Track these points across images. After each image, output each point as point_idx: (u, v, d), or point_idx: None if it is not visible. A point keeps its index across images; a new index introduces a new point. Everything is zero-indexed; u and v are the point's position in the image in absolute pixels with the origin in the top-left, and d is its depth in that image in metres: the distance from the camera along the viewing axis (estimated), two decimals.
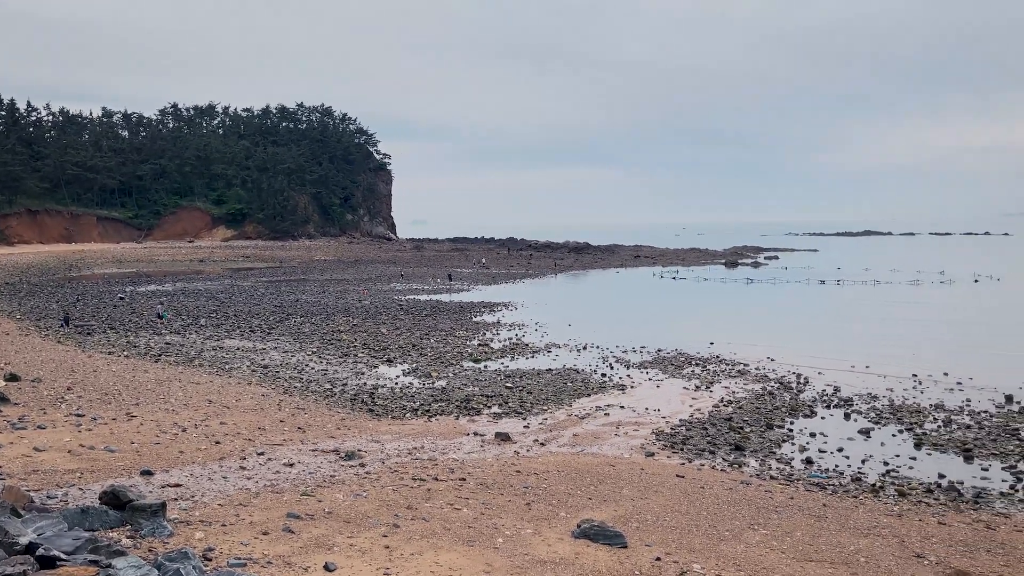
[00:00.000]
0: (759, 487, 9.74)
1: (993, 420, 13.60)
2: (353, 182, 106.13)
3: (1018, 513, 9.13)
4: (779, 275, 52.11)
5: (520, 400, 14.98)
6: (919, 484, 10.27)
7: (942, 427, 13.22)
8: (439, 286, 43.21)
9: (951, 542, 7.85)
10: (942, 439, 12.44)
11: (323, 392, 15.48)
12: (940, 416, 13.96)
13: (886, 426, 13.36)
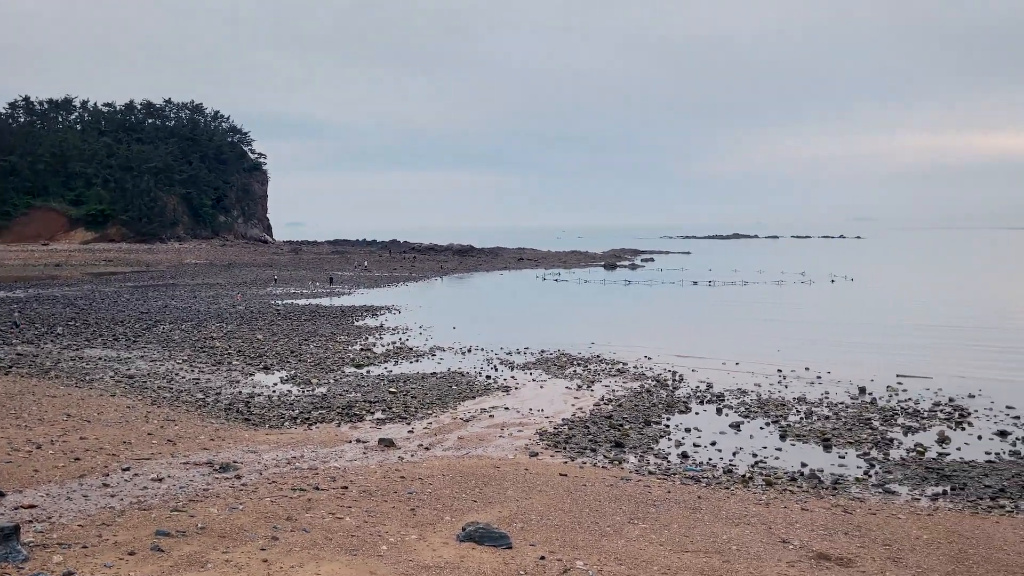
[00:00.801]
0: (638, 482, 10.03)
1: (848, 411, 14.58)
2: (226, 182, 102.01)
3: (871, 497, 9.81)
4: (655, 276, 54.03)
5: (404, 405, 14.82)
6: (784, 473, 10.86)
7: (804, 419, 14.03)
8: (319, 290, 42.18)
9: (813, 527, 8.35)
10: (804, 430, 13.21)
11: (195, 402, 14.77)
12: (802, 408, 14.82)
13: (755, 419, 14.07)
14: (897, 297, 39.22)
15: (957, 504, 9.56)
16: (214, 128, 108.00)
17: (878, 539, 7.99)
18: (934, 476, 10.68)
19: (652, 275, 55.73)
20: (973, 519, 8.89)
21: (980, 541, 8.02)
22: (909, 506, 9.42)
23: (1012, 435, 12.86)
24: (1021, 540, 8.08)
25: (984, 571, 7.19)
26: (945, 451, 12.03)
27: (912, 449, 12.09)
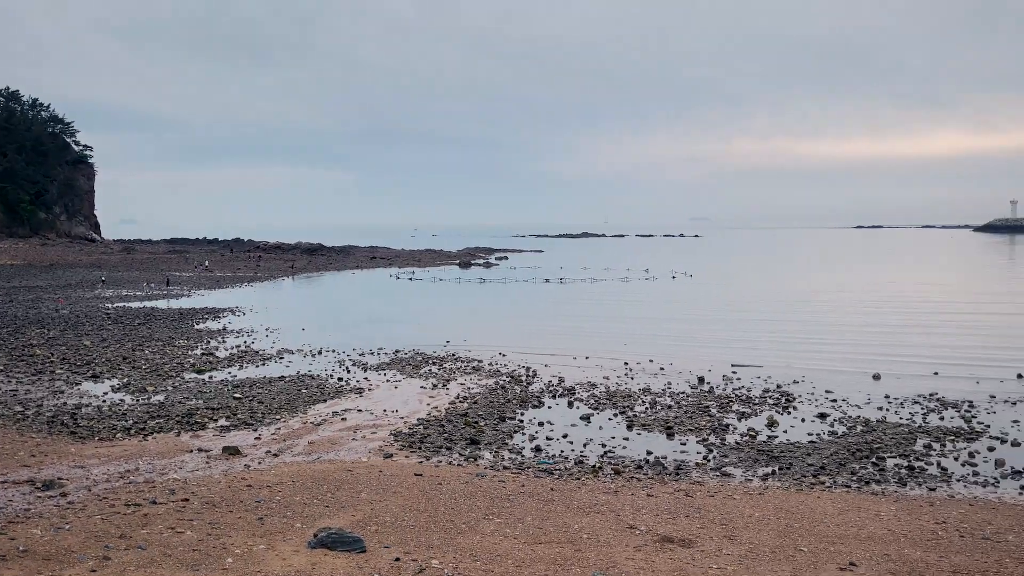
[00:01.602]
0: (493, 478, 10.13)
1: (689, 400, 15.40)
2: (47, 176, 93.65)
3: (710, 480, 10.41)
4: (509, 274, 54.86)
5: (250, 410, 14.20)
6: (631, 462, 11.31)
7: (649, 409, 14.68)
8: (155, 292, 39.66)
9: (658, 511, 8.76)
10: (649, 420, 13.82)
11: (13, 416, 13.47)
12: (647, 399, 15.50)
13: (604, 411, 14.57)
14: (731, 291, 41.89)
15: (784, 482, 10.31)
16: (32, 117, 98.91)
17: (716, 519, 8.50)
18: (764, 458, 11.47)
19: (506, 273, 56.56)
20: (798, 495, 9.63)
21: (804, 515, 8.70)
22: (743, 487, 10.07)
23: (830, 416, 14.04)
24: (839, 512, 8.85)
25: (808, 542, 7.80)
26: (774, 434, 12.95)
27: (745, 433, 12.94)
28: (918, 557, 7.43)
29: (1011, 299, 36.47)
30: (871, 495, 9.72)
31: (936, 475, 10.66)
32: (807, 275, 55.94)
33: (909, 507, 9.10)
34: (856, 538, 7.95)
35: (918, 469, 10.90)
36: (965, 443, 12.23)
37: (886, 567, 7.16)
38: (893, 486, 10.19)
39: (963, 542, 7.86)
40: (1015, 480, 10.46)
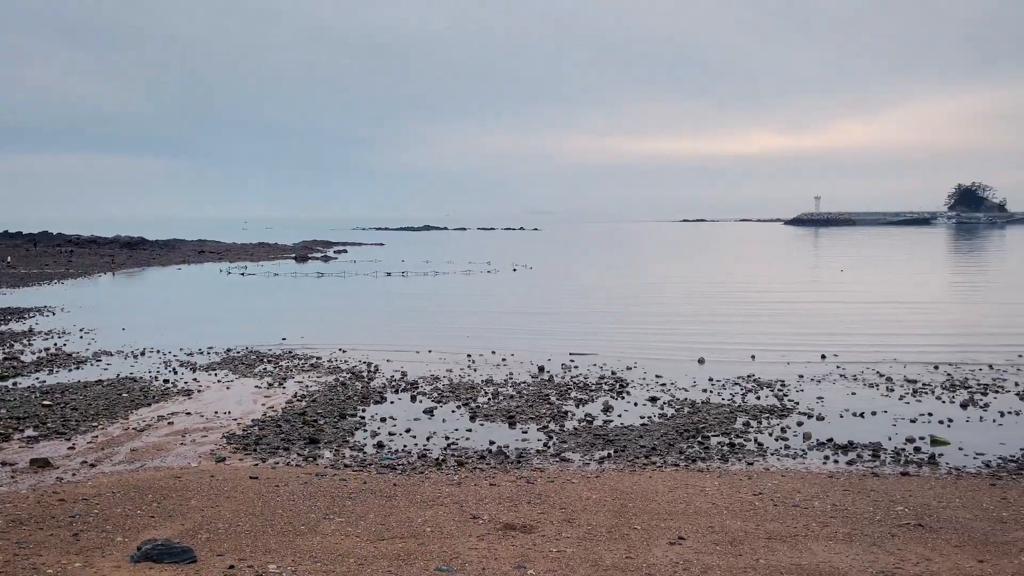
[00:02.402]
0: (334, 477, 9.89)
1: (530, 389, 15.75)
2: None
3: (550, 466, 10.69)
4: (349, 268, 53.73)
5: (62, 418, 13.03)
6: (474, 452, 11.41)
7: (492, 399, 14.88)
8: None
9: (500, 500, 8.89)
10: (492, 410, 14.00)
11: None
12: (490, 390, 15.70)
13: (447, 404, 14.59)
14: (569, 283, 43.26)
15: (619, 465, 10.77)
16: None
17: (556, 504, 8.74)
18: (601, 442, 11.94)
19: (345, 267, 55.36)
20: (632, 476, 10.10)
21: (638, 495, 9.14)
22: (581, 471, 10.42)
23: (660, 400, 14.84)
24: (668, 490, 9.36)
25: (641, 520, 8.20)
26: (609, 419, 13.50)
27: (583, 419, 13.40)
28: (738, 527, 8.00)
29: (815, 287, 40.10)
30: (697, 472, 10.35)
31: (754, 450, 11.52)
32: (639, 267, 58.79)
33: (731, 481, 9.78)
34: (684, 513, 8.45)
35: (738, 445, 11.73)
36: (778, 419, 13.31)
37: (710, 538, 7.66)
38: (717, 462, 10.91)
39: (776, 510, 8.55)
40: (820, 451, 11.51)
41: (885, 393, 15.34)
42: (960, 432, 12.48)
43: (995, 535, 7.76)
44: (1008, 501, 8.90)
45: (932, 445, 11.75)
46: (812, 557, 7.17)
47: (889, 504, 8.77)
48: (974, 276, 48.59)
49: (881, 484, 9.67)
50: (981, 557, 7.16)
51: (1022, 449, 11.43)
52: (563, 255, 76.57)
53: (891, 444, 11.80)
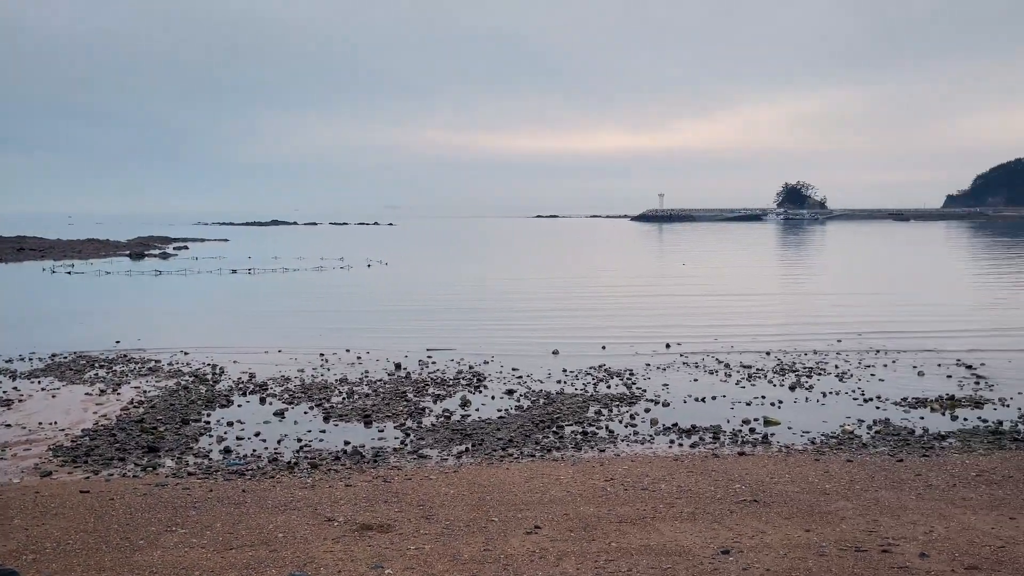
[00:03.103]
0: (176, 486, 9.33)
1: (386, 386, 15.54)
2: None
3: (408, 464, 10.59)
4: (190, 265, 50.92)
5: None
6: (329, 454, 11.12)
7: (347, 398, 14.55)
8: None
9: (356, 500, 8.71)
10: (347, 409, 13.70)
11: None
12: (344, 389, 15.35)
13: (299, 405, 14.13)
14: (426, 278, 43.08)
15: (477, 458, 10.84)
16: None
17: (414, 501, 8.67)
18: (459, 436, 11.96)
19: (187, 264, 52.43)
20: (490, 469, 10.18)
21: (495, 487, 9.22)
22: (439, 467, 10.40)
23: (517, 392, 15.06)
24: (525, 480, 9.51)
25: (499, 512, 8.28)
26: (467, 413, 13.55)
27: (441, 415, 13.38)
28: (591, 512, 8.25)
29: (660, 280, 42.09)
30: (553, 461, 10.59)
31: (605, 437, 11.93)
32: (495, 262, 59.46)
33: (584, 468, 10.07)
34: (540, 503, 8.62)
35: (591, 433, 12.11)
36: (627, 407, 13.85)
37: (565, 525, 7.86)
38: (571, 451, 11.20)
39: (627, 494, 8.89)
40: (666, 436, 12.08)
41: (724, 379, 16.32)
42: (789, 412, 13.49)
43: (819, 506, 8.44)
44: (830, 474, 9.71)
45: (765, 425, 12.63)
46: (660, 537, 7.51)
47: (728, 483, 9.33)
48: (799, 268, 52.76)
49: (721, 464, 10.28)
50: (808, 527, 7.76)
51: (841, 426, 12.51)
52: (419, 251, 76.20)
53: (729, 426, 12.57)
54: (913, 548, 7.12)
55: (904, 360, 18.04)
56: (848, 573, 6.59)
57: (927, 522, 7.85)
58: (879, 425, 12.52)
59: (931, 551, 7.03)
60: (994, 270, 48.54)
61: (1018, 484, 9.14)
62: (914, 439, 11.66)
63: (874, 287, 36.79)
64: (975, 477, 9.48)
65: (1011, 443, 11.34)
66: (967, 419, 12.92)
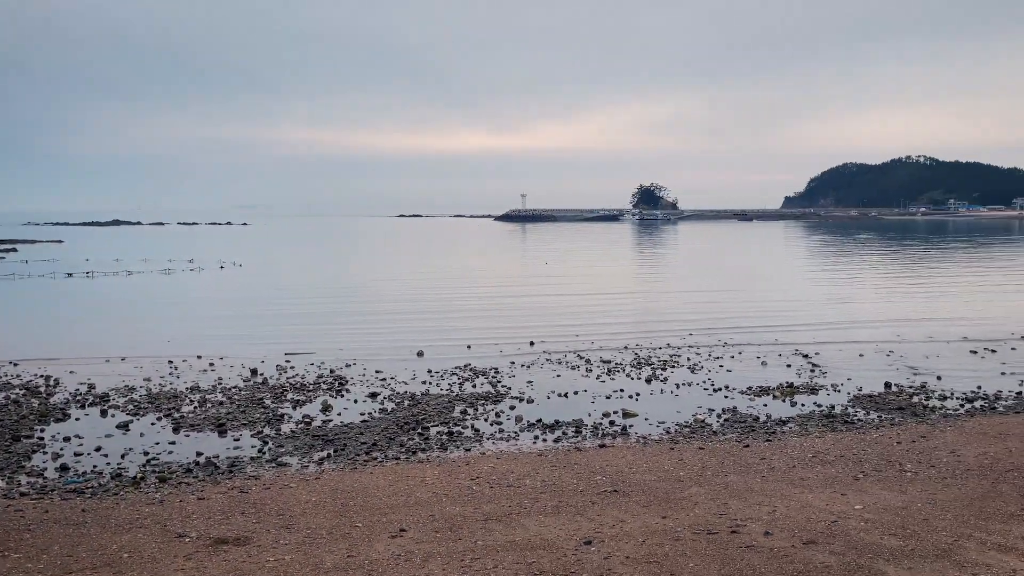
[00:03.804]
0: (8, 508, 8.53)
1: (242, 393, 14.89)
2: None
3: (266, 473, 10.19)
4: (19, 269, 46.78)
5: None
6: (179, 466, 10.52)
7: (198, 407, 13.83)
8: None
9: (210, 514, 8.28)
10: (199, 419, 13.01)
11: None
12: (196, 397, 14.58)
13: (145, 416, 13.29)
14: (283, 280, 41.68)
15: (340, 464, 10.57)
16: None
17: (272, 511, 8.34)
18: (320, 442, 11.63)
19: (15, 268, 48.13)
20: (353, 474, 9.96)
21: (359, 492, 9.03)
22: (299, 474, 10.06)
23: (381, 395, 14.83)
24: (390, 484, 9.37)
25: (362, 518, 8.11)
26: (329, 418, 13.20)
27: (301, 421, 12.96)
28: (457, 512, 8.23)
29: (523, 279, 42.75)
30: (418, 463, 10.49)
31: (471, 436, 11.96)
32: (357, 263, 58.39)
33: (450, 469, 10.04)
34: (406, 505, 8.51)
35: (456, 433, 12.10)
36: (493, 405, 13.95)
37: (431, 527, 7.80)
38: (436, 452, 11.15)
39: (492, 492, 8.94)
40: (530, 432, 12.26)
41: (585, 374, 16.78)
42: (646, 404, 14.04)
43: (674, 493, 8.83)
44: (684, 462, 10.18)
45: (624, 418, 13.08)
46: (525, 532, 7.60)
47: (590, 475, 9.59)
48: (654, 267, 55.14)
49: (583, 457, 10.54)
50: (664, 514, 8.10)
51: (694, 415, 13.15)
52: (275, 252, 73.62)
53: (591, 420, 12.93)
54: (759, 527, 7.57)
55: (749, 352, 19.22)
56: (701, 555, 6.93)
57: (771, 502, 8.37)
58: (728, 413, 13.26)
59: (774, 529, 7.51)
60: (827, 267, 52.71)
61: (848, 463, 9.94)
62: (759, 425, 12.43)
63: (722, 284, 38.99)
64: (811, 458, 10.22)
65: (842, 425, 12.32)
66: (804, 405, 13.92)
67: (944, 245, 78.03)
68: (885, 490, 8.73)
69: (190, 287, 37.54)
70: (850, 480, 9.18)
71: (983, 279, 40.28)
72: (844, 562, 6.67)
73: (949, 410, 13.29)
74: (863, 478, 9.23)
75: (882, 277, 42.84)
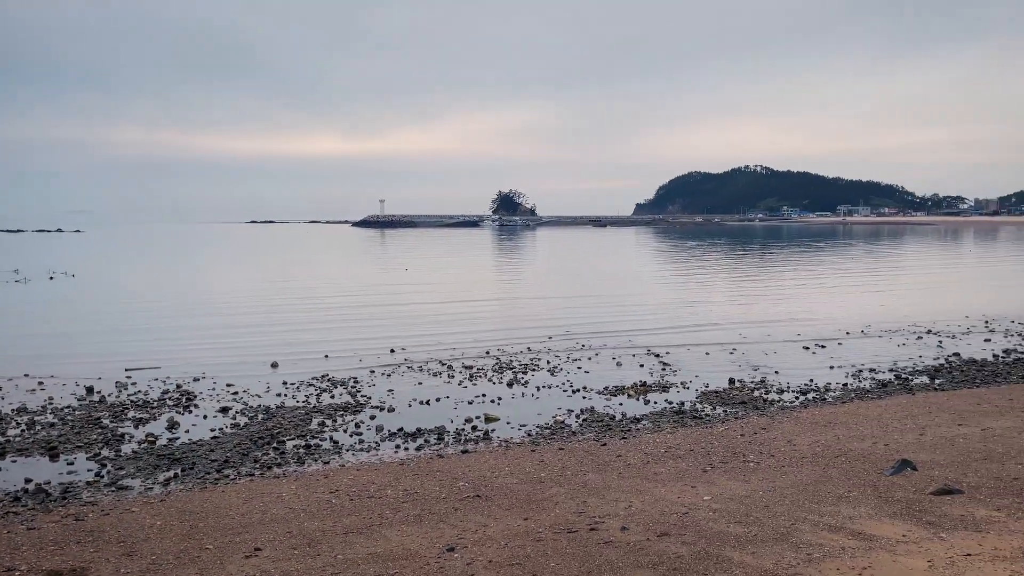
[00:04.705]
0: None
1: (76, 413, 13.79)
2: None
3: (105, 498, 9.47)
4: None
5: None
6: (5, 495, 9.60)
7: (26, 430, 12.70)
8: None
9: (42, 544, 7.60)
10: (27, 443, 11.94)
11: None
12: (23, 420, 13.38)
13: None
14: (122, 291, 39.02)
15: (188, 484, 10.00)
16: None
17: (112, 539, 7.76)
18: (166, 462, 10.95)
19: None
20: (203, 494, 9.44)
21: (210, 513, 8.57)
22: (143, 497, 9.43)
23: (233, 409, 14.17)
24: (243, 502, 8.95)
25: (213, 539, 7.69)
26: (176, 436, 12.46)
27: (144, 440, 12.16)
28: (316, 527, 7.98)
29: (383, 286, 42.19)
30: (274, 479, 10.09)
31: (330, 449, 11.64)
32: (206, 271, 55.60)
33: (307, 483, 9.73)
34: (261, 523, 8.16)
35: (314, 446, 11.74)
36: (352, 415, 13.65)
37: (288, 544, 7.51)
38: (293, 466, 10.76)
39: (353, 504, 8.74)
40: (392, 441, 12.09)
41: (447, 380, 16.75)
42: (508, 408, 14.19)
43: (536, 494, 8.96)
44: (545, 463, 10.36)
45: (486, 422, 13.16)
46: (387, 543, 7.47)
47: (453, 481, 9.56)
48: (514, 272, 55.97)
49: (446, 464, 10.51)
50: (526, 515, 8.20)
51: (554, 417, 13.42)
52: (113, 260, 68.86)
53: (453, 426, 12.91)
54: (616, 523, 7.81)
55: (605, 353, 19.86)
56: (562, 554, 7.06)
57: (627, 498, 8.67)
58: (586, 413, 13.63)
59: (631, 524, 7.77)
60: (676, 271, 55.43)
61: (697, 456, 10.46)
62: (615, 424, 12.85)
63: (579, 289, 40.12)
64: (663, 453, 10.68)
65: (691, 420, 12.96)
66: (657, 402, 14.53)
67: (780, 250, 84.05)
68: (731, 480, 9.25)
69: (14, 300, 34.44)
70: (699, 473, 9.65)
71: (814, 282, 43.68)
72: (695, 551, 6.99)
73: (786, 403, 14.29)
74: (711, 470, 9.74)
75: (727, 281, 45.54)
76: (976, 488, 8.50)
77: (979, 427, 11.43)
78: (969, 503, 8.02)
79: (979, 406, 12.98)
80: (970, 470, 9.21)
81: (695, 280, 45.63)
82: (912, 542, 6.96)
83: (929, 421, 11.97)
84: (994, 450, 10.11)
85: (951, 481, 8.72)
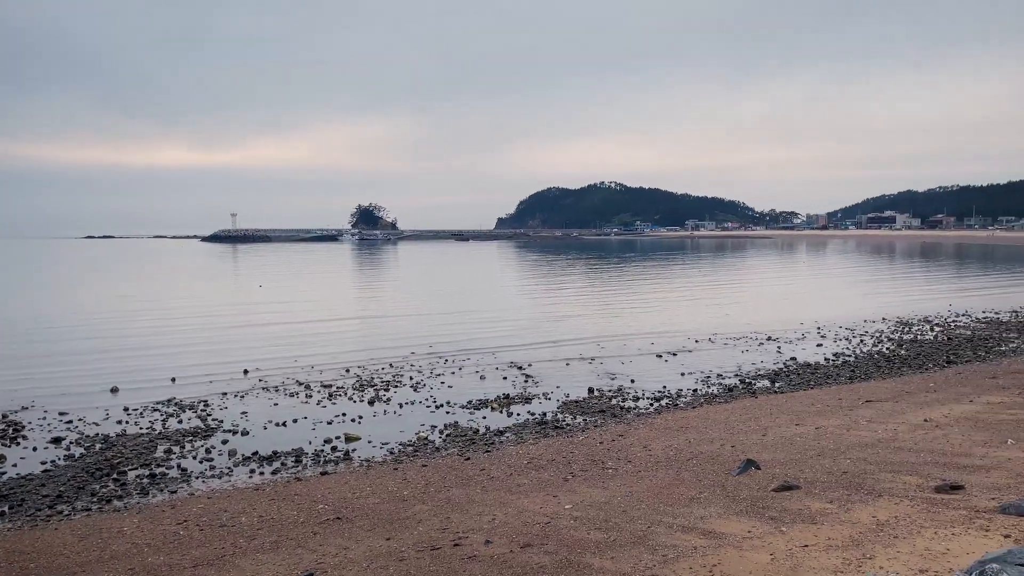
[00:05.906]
0: None
1: None
2: None
3: None
4: None
5: None
6: None
7: None
8: None
9: None
10: None
11: None
12: None
13: None
14: None
15: (16, 522, 9.15)
16: None
17: None
18: None
19: None
20: (33, 533, 8.65)
21: (41, 553, 7.86)
22: None
23: (66, 439, 13.09)
24: (79, 540, 8.27)
25: None
26: (1, 470, 11.36)
27: None
28: (162, 562, 7.48)
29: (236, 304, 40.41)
30: (114, 512, 9.40)
31: (177, 477, 10.98)
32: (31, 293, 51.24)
33: (152, 515, 9.12)
34: (99, 561, 7.56)
35: (160, 475, 11.04)
36: (202, 440, 12.95)
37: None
38: (136, 498, 10.07)
39: (203, 535, 8.26)
40: (246, 466, 11.55)
41: (305, 400, 16.22)
42: (369, 426, 13.91)
43: (399, 513, 8.81)
44: (408, 481, 10.21)
45: (347, 442, 12.83)
46: (240, 574, 7.10)
47: (311, 504, 9.24)
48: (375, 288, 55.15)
49: (304, 487, 10.15)
50: (389, 535, 8.04)
51: (417, 433, 13.28)
52: None
53: (312, 447, 12.51)
54: (480, 537, 7.80)
55: (468, 367, 19.91)
56: (425, 572, 6.96)
57: (491, 512, 8.69)
58: (450, 428, 13.58)
59: (494, 537, 7.79)
60: (537, 286, 56.49)
61: (559, 466, 10.65)
62: (479, 437, 12.88)
63: (442, 304, 40.06)
64: (526, 464, 10.80)
65: (553, 431, 13.20)
66: (520, 414, 14.70)
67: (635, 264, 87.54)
68: (591, 488, 9.48)
69: None
70: (561, 482, 9.83)
71: (666, 294, 45.78)
72: (556, 560, 7.09)
73: (641, 409, 14.84)
74: (572, 479, 9.94)
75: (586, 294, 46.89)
76: (812, 483, 9.14)
77: (813, 426, 12.32)
78: (806, 497, 8.61)
79: (813, 406, 14.01)
80: (806, 466, 9.90)
81: (556, 294, 46.69)
82: (756, 537, 7.38)
83: (771, 422, 12.78)
84: (826, 447, 10.92)
85: (790, 478, 9.33)
